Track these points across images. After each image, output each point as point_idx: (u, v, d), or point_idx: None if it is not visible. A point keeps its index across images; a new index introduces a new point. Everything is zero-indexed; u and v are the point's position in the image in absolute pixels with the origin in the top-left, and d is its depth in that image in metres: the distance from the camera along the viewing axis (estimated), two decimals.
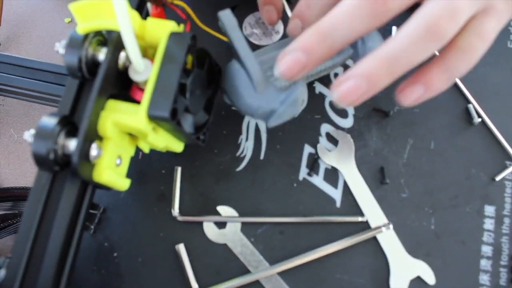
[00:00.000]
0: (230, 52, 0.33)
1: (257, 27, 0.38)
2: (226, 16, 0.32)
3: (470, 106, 0.39)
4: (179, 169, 0.38)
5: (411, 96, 0.27)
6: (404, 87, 0.28)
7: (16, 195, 0.71)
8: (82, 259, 0.36)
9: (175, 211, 0.37)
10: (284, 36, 0.39)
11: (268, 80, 0.33)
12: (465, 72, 0.27)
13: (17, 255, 0.29)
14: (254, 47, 0.36)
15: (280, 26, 0.39)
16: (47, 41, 0.92)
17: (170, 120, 0.27)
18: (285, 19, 0.39)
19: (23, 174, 0.84)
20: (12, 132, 0.68)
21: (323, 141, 0.39)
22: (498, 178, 0.38)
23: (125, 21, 0.25)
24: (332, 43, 0.26)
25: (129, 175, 0.31)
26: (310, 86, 0.40)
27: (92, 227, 0.36)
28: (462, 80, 0.40)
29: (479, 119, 0.39)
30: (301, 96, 0.31)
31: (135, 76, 0.29)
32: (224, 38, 0.34)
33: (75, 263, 0.30)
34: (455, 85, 0.40)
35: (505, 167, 0.38)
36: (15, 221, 0.68)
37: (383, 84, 0.25)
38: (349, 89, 0.25)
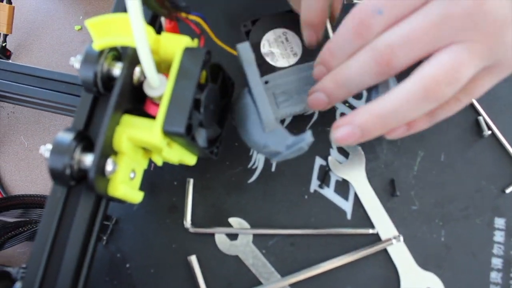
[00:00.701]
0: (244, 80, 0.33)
1: (275, 46, 0.37)
2: (244, 49, 0.32)
3: (480, 118, 0.39)
4: (191, 181, 0.38)
5: (395, 135, 0.31)
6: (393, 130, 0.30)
7: (26, 203, 0.71)
8: (95, 269, 0.36)
9: (187, 222, 0.37)
10: (302, 59, 0.38)
11: (279, 105, 0.33)
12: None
13: (33, 267, 0.29)
14: (269, 68, 0.37)
15: (299, 49, 0.38)
16: (57, 48, 0.92)
17: (185, 136, 0.28)
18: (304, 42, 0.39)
19: (34, 181, 0.84)
20: (22, 140, 0.69)
21: (334, 153, 0.39)
22: (508, 191, 0.38)
23: (141, 38, 0.25)
24: (348, 91, 0.30)
25: (141, 187, 0.32)
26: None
27: (105, 238, 0.37)
28: None
29: (489, 132, 0.39)
30: (308, 146, 0.31)
31: (150, 91, 0.29)
32: (235, 52, 0.34)
33: (89, 274, 0.30)
34: None
35: None
36: (26, 229, 0.69)
37: (376, 134, 0.28)
38: (345, 135, 0.28)
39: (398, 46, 0.26)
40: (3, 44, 0.92)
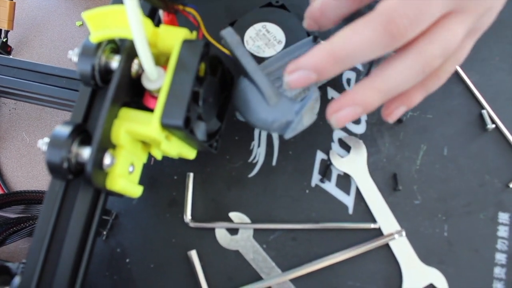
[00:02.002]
0: (237, 67, 0.33)
1: (259, 39, 0.38)
2: (229, 34, 0.32)
3: (484, 112, 0.39)
4: (191, 175, 0.38)
5: (396, 115, 0.30)
6: (391, 110, 0.30)
7: (28, 198, 0.71)
8: (95, 264, 0.36)
9: (187, 217, 0.37)
10: (287, 44, 0.38)
11: (276, 88, 0.33)
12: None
13: (31, 262, 0.29)
14: (259, 60, 0.36)
15: (282, 36, 0.38)
16: (59, 44, 0.92)
17: (184, 129, 0.27)
18: (284, 27, 0.39)
19: (35, 177, 0.84)
20: (24, 136, 0.69)
21: (335, 147, 0.39)
22: None
23: (138, 30, 0.25)
24: (344, 66, 0.27)
25: (141, 181, 0.31)
26: (323, 91, 0.40)
27: (105, 232, 0.37)
28: (475, 85, 0.40)
29: (493, 125, 0.38)
30: (316, 103, 0.31)
31: (148, 84, 0.29)
32: (226, 51, 0.34)
33: (88, 269, 0.30)
34: (469, 91, 0.40)
35: None
36: (27, 225, 0.69)
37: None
38: (348, 116, 0.28)
39: (414, 18, 0.24)
40: (4, 40, 0.92)
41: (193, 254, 0.36)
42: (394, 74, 0.27)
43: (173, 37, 0.30)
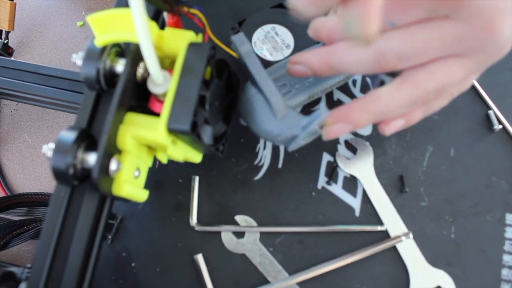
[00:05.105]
0: (245, 73, 0.33)
1: (267, 42, 0.37)
2: (240, 40, 0.31)
3: (491, 112, 0.39)
4: (196, 178, 0.38)
5: (394, 129, 0.31)
6: (389, 121, 0.30)
7: (31, 201, 0.71)
8: (100, 268, 0.36)
9: (193, 220, 0.36)
10: (295, 49, 0.38)
11: (283, 97, 0.32)
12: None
13: (37, 268, 0.28)
14: (265, 64, 0.36)
15: (290, 40, 0.38)
16: (60, 45, 0.91)
17: (190, 133, 0.27)
18: (294, 31, 0.39)
19: (37, 178, 0.84)
20: (26, 137, 0.68)
21: (341, 149, 0.38)
22: None
23: (144, 34, 0.25)
24: (336, 73, 0.30)
25: (146, 184, 0.31)
26: (329, 92, 0.40)
27: (110, 237, 0.36)
28: (482, 85, 0.39)
29: (500, 126, 0.38)
30: (325, 121, 0.30)
31: (154, 88, 0.29)
32: (233, 53, 0.34)
33: (95, 274, 0.30)
34: (475, 91, 0.39)
35: None
36: (31, 227, 0.68)
37: (366, 125, 0.29)
38: (338, 132, 0.29)
39: (404, 57, 0.26)
40: (5, 41, 0.91)
41: (199, 258, 0.35)
42: (389, 100, 0.28)
43: (179, 40, 0.29)
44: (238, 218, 0.37)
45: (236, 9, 0.41)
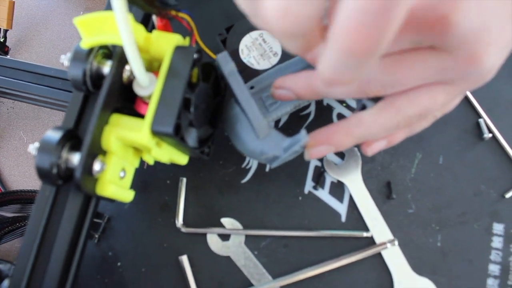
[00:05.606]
0: (229, 92, 0.33)
1: (254, 49, 0.37)
2: (223, 59, 0.31)
3: (481, 120, 0.39)
4: (184, 180, 0.38)
5: (376, 150, 0.31)
6: (371, 142, 0.30)
7: (24, 198, 0.72)
8: (86, 267, 0.36)
9: (179, 222, 0.37)
10: (283, 57, 0.38)
11: (269, 108, 0.32)
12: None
13: (20, 265, 0.29)
14: (252, 73, 0.36)
15: (278, 47, 0.37)
16: (57, 44, 0.92)
17: (174, 136, 0.27)
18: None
19: (32, 176, 0.84)
20: (21, 135, 0.69)
21: (330, 154, 0.38)
22: (508, 195, 0.37)
23: (128, 36, 0.25)
24: (320, 98, 0.31)
25: (133, 185, 0.31)
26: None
27: (97, 236, 0.37)
28: (473, 94, 0.39)
29: (490, 134, 0.38)
30: (304, 146, 0.30)
31: (139, 90, 0.29)
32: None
33: (78, 272, 0.30)
34: (466, 99, 0.39)
35: None
36: (23, 224, 0.69)
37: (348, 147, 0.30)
38: (320, 153, 0.30)
39: (388, 85, 0.26)
40: (2, 40, 0.91)
41: (184, 259, 0.36)
42: (371, 124, 0.28)
43: (166, 43, 0.30)
44: (224, 220, 0.37)
45: (229, 13, 0.41)
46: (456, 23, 0.22)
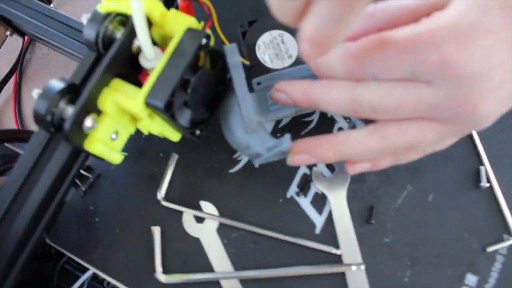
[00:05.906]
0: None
1: (271, 48, 0.37)
2: (230, 52, 0.32)
3: (482, 168, 0.38)
4: (175, 156, 0.39)
5: (359, 170, 0.31)
6: (355, 162, 0.31)
7: None
8: (67, 215, 0.38)
9: (161, 195, 0.38)
10: (297, 61, 0.38)
11: (270, 107, 0.33)
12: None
13: (1, 199, 0.31)
14: (263, 69, 0.37)
15: (294, 50, 0.38)
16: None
17: (164, 111, 0.28)
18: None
19: None
20: (50, 80, 0.72)
21: (320, 165, 0.39)
22: (490, 249, 0.36)
23: (137, 8, 0.26)
24: (313, 107, 0.31)
25: (127, 150, 0.33)
26: None
27: (84, 188, 0.39)
28: (481, 139, 0.38)
29: (487, 184, 0.37)
30: (288, 149, 0.31)
31: (144, 62, 0.30)
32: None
33: (57, 217, 0.32)
34: (473, 144, 0.38)
35: (501, 240, 0.36)
36: None
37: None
38: (302, 161, 0.30)
39: (379, 110, 0.26)
40: None
41: (157, 230, 0.37)
42: (356, 145, 0.28)
43: (180, 23, 0.31)
44: (203, 204, 0.38)
45: (258, 8, 0.42)
46: (457, 65, 0.22)
